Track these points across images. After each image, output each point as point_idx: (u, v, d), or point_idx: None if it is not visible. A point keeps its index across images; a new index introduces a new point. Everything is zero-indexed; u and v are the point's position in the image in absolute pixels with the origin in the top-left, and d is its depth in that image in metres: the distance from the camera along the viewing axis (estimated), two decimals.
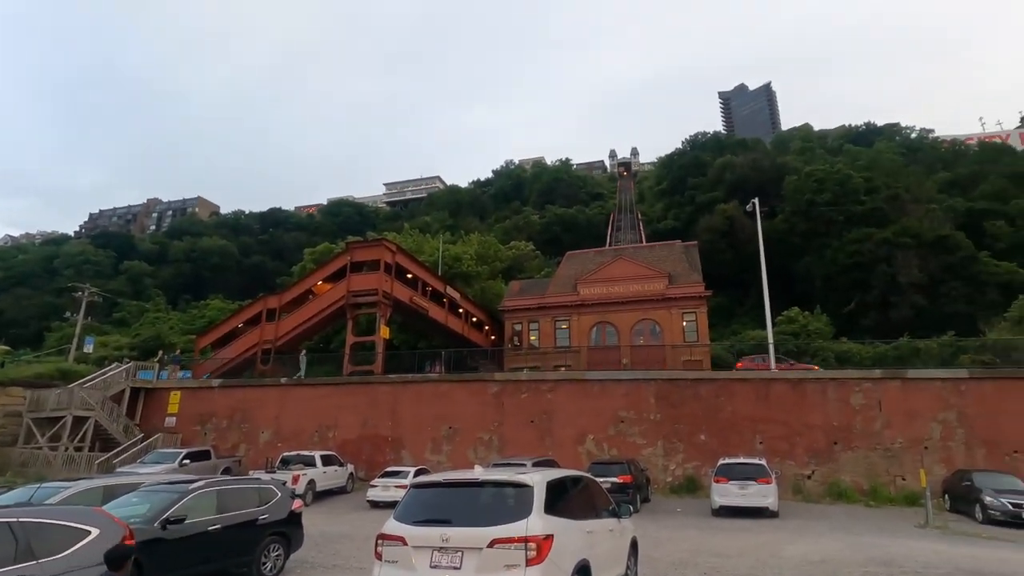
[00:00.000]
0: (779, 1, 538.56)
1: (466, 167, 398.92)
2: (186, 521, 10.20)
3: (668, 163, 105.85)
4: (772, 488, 20.27)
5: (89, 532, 6.49)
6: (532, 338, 47.72)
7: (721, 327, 53.77)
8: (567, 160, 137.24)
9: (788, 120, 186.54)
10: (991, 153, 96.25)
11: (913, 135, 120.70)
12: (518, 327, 48.46)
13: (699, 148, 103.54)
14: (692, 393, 28.50)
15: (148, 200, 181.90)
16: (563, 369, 40.46)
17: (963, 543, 16.24)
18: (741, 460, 21.67)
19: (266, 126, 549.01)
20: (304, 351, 38.33)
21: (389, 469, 25.31)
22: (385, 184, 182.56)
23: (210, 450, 28.84)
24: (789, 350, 38.03)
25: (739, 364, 35.31)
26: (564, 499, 8.24)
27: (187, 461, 25.89)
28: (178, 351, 43.94)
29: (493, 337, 51.68)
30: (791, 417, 26.88)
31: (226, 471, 26.98)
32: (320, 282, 40.21)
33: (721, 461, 21.88)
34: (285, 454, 26.24)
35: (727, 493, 20.37)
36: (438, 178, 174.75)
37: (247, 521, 11.41)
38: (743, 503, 20.09)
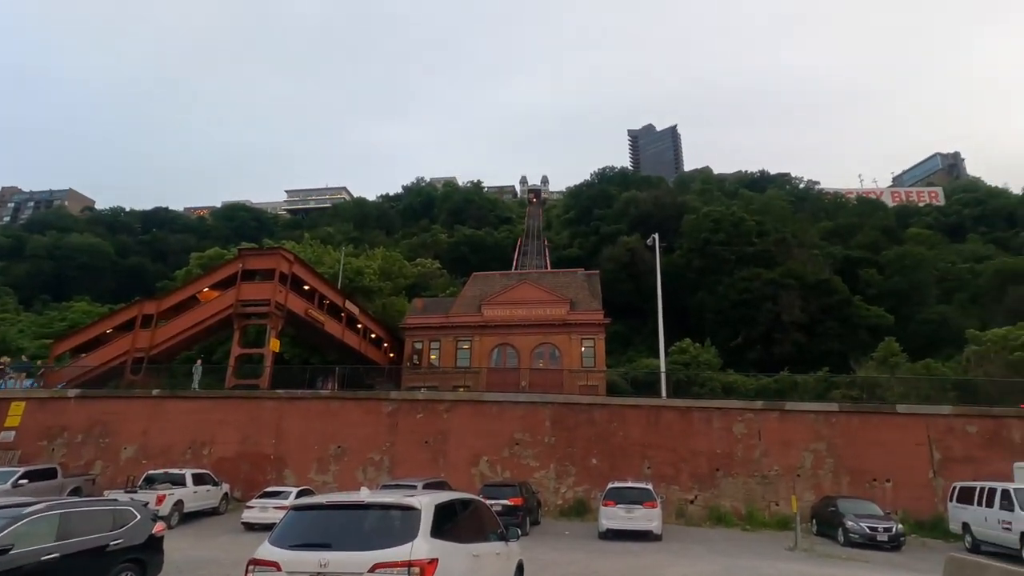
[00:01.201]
0: (689, 52, 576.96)
1: (375, 181, 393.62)
2: (12, 551, 8.87)
3: (577, 193, 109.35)
4: (657, 512, 20.70)
5: None
6: (433, 357, 46.95)
7: (618, 354, 55.41)
8: (479, 182, 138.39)
9: (691, 162, 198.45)
10: (867, 207, 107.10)
11: (801, 185, 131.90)
12: (419, 345, 47.54)
13: (606, 181, 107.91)
14: (587, 417, 28.86)
15: (2, 188, 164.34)
16: (462, 390, 39.85)
17: (826, 564, 17.32)
18: (629, 484, 21.96)
19: (157, 123, 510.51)
20: (200, 360, 35.54)
21: (269, 489, 23.63)
22: (287, 191, 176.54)
23: (56, 468, 25.37)
24: (679, 379, 39.58)
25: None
26: (452, 522, 8.02)
27: (24, 481, 22.59)
28: (24, 357, 39.23)
29: (392, 355, 50.36)
30: (678, 444, 27.76)
31: (75, 492, 24.04)
32: (207, 289, 37.53)
33: (610, 485, 22.09)
34: (150, 472, 23.91)
35: (614, 516, 20.60)
36: (344, 189, 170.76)
37: (95, 548, 10.20)
38: (629, 526, 20.39)
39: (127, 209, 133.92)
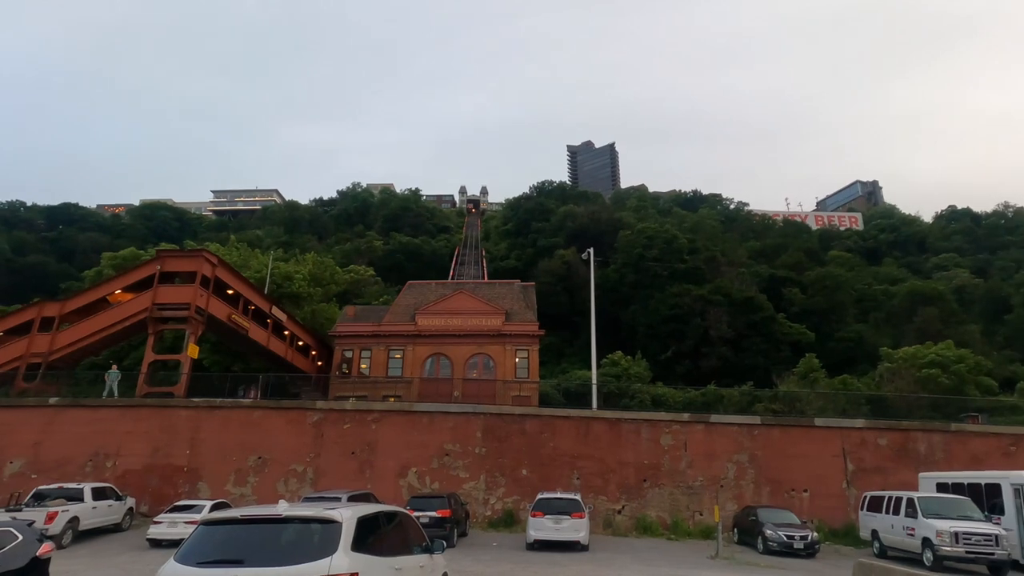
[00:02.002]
0: (629, 73, 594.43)
1: (309, 185, 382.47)
2: None
3: (515, 205, 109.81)
4: (584, 523, 20.77)
5: None
6: (363, 366, 45.70)
7: (552, 365, 55.71)
8: (417, 190, 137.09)
9: (627, 179, 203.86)
10: (793, 229, 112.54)
11: (732, 206, 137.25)
12: (349, 354, 46.19)
13: (545, 195, 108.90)
14: (518, 428, 28.71)
15: None
16: (392, 400, 39.06)
17: (745, 571, 17.78)
18: (558, 495, 21.99)
19: (71, 113, 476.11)
20: (114, 366, 33.10)
21: (180, 503, 22.19)
22: (214, 191, 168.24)
23: None
24: (610, 391, 40.04)
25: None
26: (375, 535, 7.75)
27: None
28: None
29: (320, 363, 48.79)
30: (607, 455, 27.95)
31: None
32: (119, 291, 35.22)
33: (539, 496, 22.08)
34: (41, 487, 21.87)
35: (542, 527, 20.55)
36: (276, 192, 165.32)
37: None
38: (557, 537, 20.38)
39: (29, 204, 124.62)
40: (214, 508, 20.23)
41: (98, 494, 22.06)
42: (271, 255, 55.68)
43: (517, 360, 45.72)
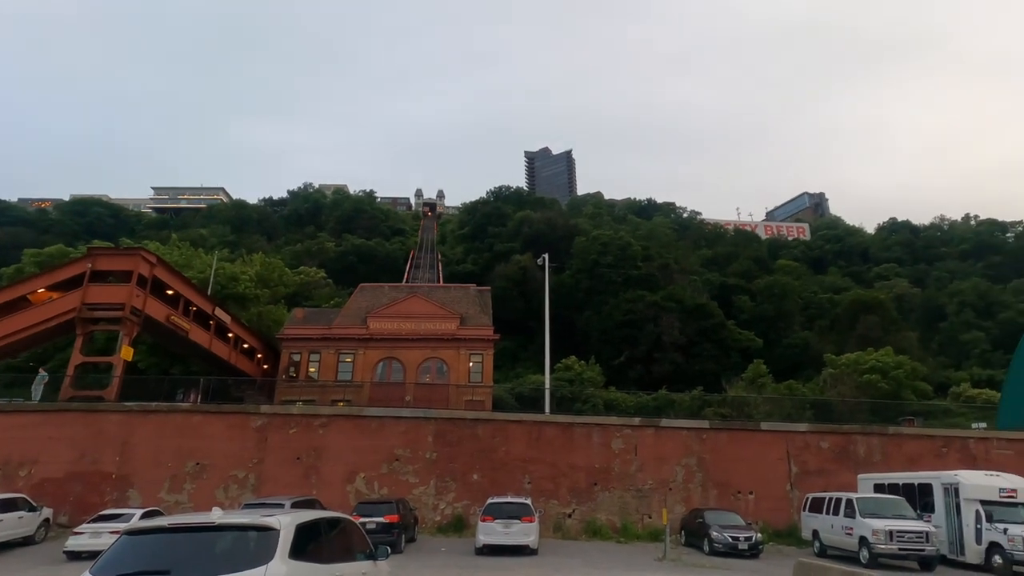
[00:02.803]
0: (587, 81, 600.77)
1: (258, 184, 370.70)
2: None
3: (472, 210, 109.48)
4: (534, 527, 20.71)
5: None
6: (312, 370, 44.50)
7: (506, 369, 55.53)
8: (371, 192, 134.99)
9: (584, 186, 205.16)
10: (743, 238, 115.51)
11: (685, 215, 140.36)
12: (297, 357, 44.92)
13: (502, 200, 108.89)
14: (470, 433, 28.43)
15: None
16: (342, 404, 38.06)
17: (691, 572, 17.98)
18: (508, 499, 21.94)
19: None
20: (41, 369, 31.13)
21: (106, 512, 20.89)
22: (154, 188, 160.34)
23: None
24: (563, 396, 40.09)
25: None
26: (315, 542, 7.42)
27: None
28: None
29: (266, 367, 47.39)
30: (559, 458, 27.87)
31: None
32: (43, 289, 33.15)
33: (489, 500, 21.99)
34: None
35: (491, 532, 20.44)
36: (222, 190, 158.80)
37: None
38: (506, 541, 20.27)
39: None
40: (146, 516, 19.15)
41: (6, 505, 20.50)
42: (216, 255, 53.75)
43: (471, 364, 45.29)
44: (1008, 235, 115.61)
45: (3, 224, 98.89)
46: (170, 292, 36.01)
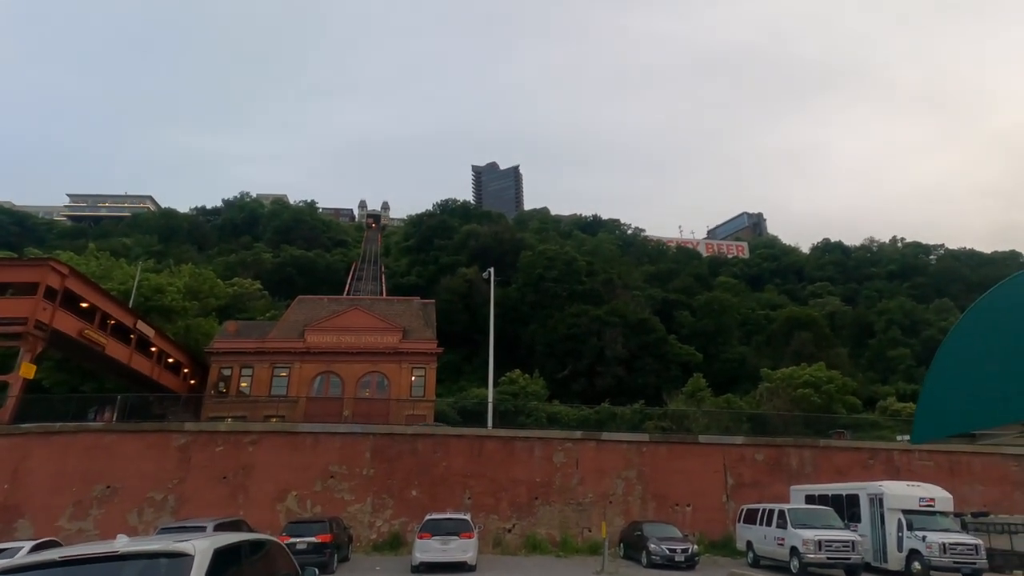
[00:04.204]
0: (534, 98, 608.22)
1: (190, 193, 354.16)
2: None
3: (418, 222, 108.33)
4: (473, 543, 20.37)
5: None
6: (243, 384, 42.68)
7: (450, 383, 54.76)
8: (312, 202, 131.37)
9: (531, 201, 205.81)
10: (684, 255, 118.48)
11: (629, 231, 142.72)
12: (227, 372, 43.02)
13: (448, 213, 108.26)
14: (410, 448, 27.75)
15: None
16: (275, 420, 36.63)
17: None
18: (447, 516, 21.59)
19: None
20: None
21: None
22: (70, 195, 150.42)
23: None
24: (507, 409, 39.67)
25: None
26: (236, 568, 6.72)
27: None
28: None
29: (193, 382, 45.14)
30: (500, 473, 27.46)
31: None
32: None
33: (427, 517, 21.56)
34: None
35: (429, 549, 20.06)
36: (150, 198, 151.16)
37: None
38: (443, 558, 19.91)
39: None
40: (39, 548, 17.34)
41: None
42: (139, 265, 50.87)
43: (413, 378, 44.46)
44: (931, 257, 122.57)
45: None
46: (85, 305, 33.57)
